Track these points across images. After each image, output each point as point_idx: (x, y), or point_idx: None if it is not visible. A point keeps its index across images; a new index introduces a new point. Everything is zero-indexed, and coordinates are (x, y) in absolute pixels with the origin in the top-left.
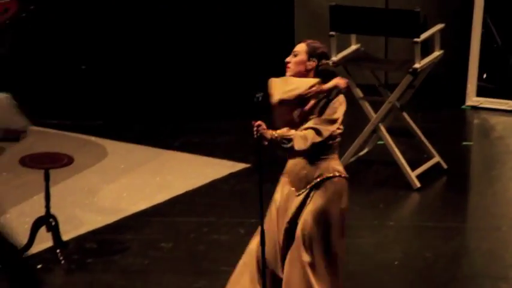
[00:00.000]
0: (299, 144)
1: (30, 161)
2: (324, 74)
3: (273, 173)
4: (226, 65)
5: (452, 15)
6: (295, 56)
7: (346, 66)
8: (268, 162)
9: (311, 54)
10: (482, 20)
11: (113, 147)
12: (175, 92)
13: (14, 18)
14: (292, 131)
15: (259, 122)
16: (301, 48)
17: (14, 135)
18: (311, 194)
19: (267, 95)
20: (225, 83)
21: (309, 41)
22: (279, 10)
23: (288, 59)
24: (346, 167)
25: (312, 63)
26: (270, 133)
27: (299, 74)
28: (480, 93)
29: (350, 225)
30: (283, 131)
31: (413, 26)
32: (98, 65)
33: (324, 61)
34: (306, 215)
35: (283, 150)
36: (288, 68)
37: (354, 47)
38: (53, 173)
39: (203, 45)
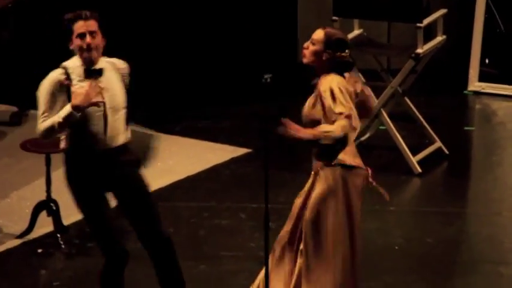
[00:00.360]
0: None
1: (32, 146)
2: (341, 64)
3: (276, 158)
4: (229, 50)
5: (455, 0)
6: (313, 44)
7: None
8: (271, 147)
9: (327, 44)
10: (485, 5)
11: None
12: (177, 77)
13: (16, 2)
14: (328, 126)
15: (292, 124)
16: (318, 36)
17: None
18: (314, 182)
19: (274, 76)
20: (227, 68)
21: (328, 29)
22: None
23: (305, 45)
24: None
25: (327, 55)
26: (310, 132)
27: (314, 64)
28: (482, 78)
29: None
30: (323, 127)
31: (416, 11)
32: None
33: (339, 53)
34: (309, 202)
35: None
36: (304, 54)
37: (356, 31)
38: (54, 157)
39: (206, 29)
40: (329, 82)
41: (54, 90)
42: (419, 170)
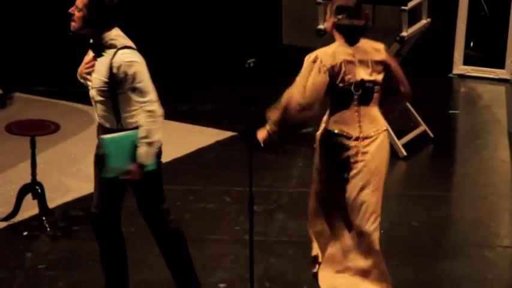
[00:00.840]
0: None
1: (16, 128)
2: (341, 29)
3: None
4: (214, 33)
5: None
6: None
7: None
8: (256, 130)
9: (330, 11)
10: None
11: None
12: (161, 59)
13: None
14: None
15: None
16: (328, 5)
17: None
18: None
19: (259, 59)
20: (212, 51)
21: None
22: None
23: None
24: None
25: (331, 20)
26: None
27: (330, 32)
28: (467, 61)
29: None
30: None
31: None
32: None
33: (337, 17)
34: None
35: None
36: None
37: None
38: (39, 140)
39: (189, 12)
40: (306, 60)
41: None
42: (405, 153)
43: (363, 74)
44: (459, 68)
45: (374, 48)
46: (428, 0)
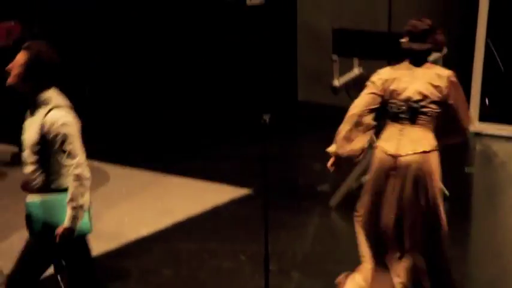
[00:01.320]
0: None
1: None
2: (407, 52)
3: (276, 199)
4: (229, 91)
5: (454, 39)
6: None
7: (348, 91)
8: (271, 188)
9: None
10: (484, 44)
11: (115, 172)
12: (177, 117)
13: (18, 41)
14: None
15: None
16: None
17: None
18: None
19: (273, 117)
20: (227, 108)
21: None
22: (282, 34)
23: None
24: (349, 193)
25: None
26: None
27: None
28: (483, 118)
29: (351, 259)
30: None
31: None
32: (99, 90)
33: (404, 39)
34: None
35: None
36: None
37: (356, 70)
38: None
39: (205, 70)
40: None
41: None
42: None
43: (412, 94)
44: (475, 125)
45: (436, 74)
46: (443, 56)
